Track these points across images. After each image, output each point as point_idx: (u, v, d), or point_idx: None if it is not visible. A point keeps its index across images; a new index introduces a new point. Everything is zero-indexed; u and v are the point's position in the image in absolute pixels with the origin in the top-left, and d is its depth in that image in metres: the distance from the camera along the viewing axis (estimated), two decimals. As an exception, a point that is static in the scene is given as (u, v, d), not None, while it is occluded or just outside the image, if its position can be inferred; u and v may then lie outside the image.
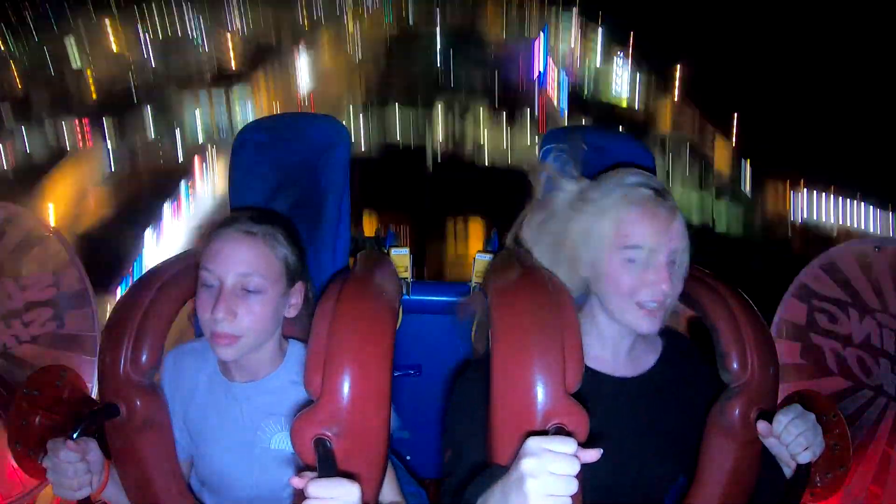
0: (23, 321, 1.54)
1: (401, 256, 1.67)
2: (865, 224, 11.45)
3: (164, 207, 11.50)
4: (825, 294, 1.57)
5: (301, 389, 1.07)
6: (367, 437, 1.04)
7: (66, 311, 1.64)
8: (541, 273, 1.20)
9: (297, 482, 0.89)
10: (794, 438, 1.11)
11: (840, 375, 1.54)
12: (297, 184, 1.53)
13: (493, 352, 1.07)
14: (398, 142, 16.24)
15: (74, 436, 1.13)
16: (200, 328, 1.49)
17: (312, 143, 1.55)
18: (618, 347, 1.26)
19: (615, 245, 1.17)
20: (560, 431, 0.97)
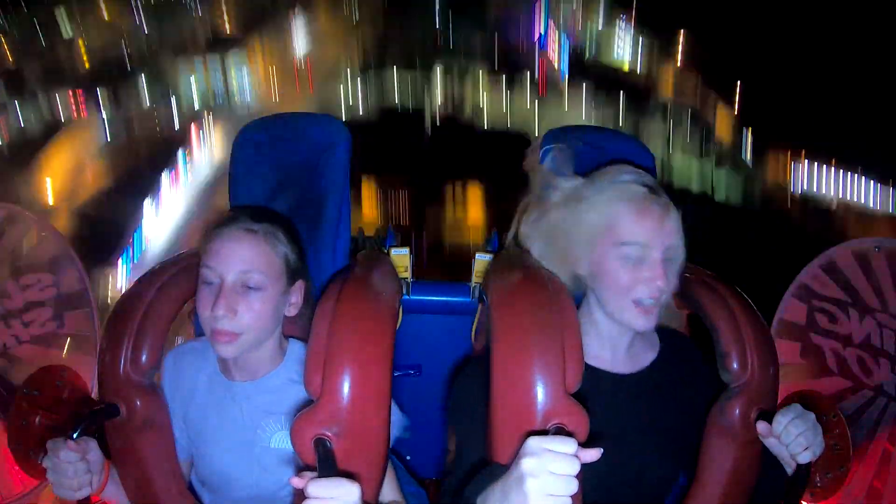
0: (23, 321, 1.55)
1: (401, 256, 1.67)
2: (865, 199, 11.20)
3: (162, 177, 11.18)
4: (825, 294, 1.57)
5: (301, 388, 1.07)
6: (367, 437, 1.04)
7: (66, 311, 1.64)
8: (541, 273, 1.20)
9: (297, 482, 0.89)
10: (794, 438, 1.11)
11: (840, 375, 1.54)
12: (297, 184, 1.53)
13: (493, 352, 1.07)
14: (396, 105, 15.64)
15: (74, 436, 1.13)
16: (200, 327, 1.49)
17: (312, 143, 1.55)
18: (616, 345, 1.26)
19: (610, 242, 1.18)
20: (560, 431, 0.97)
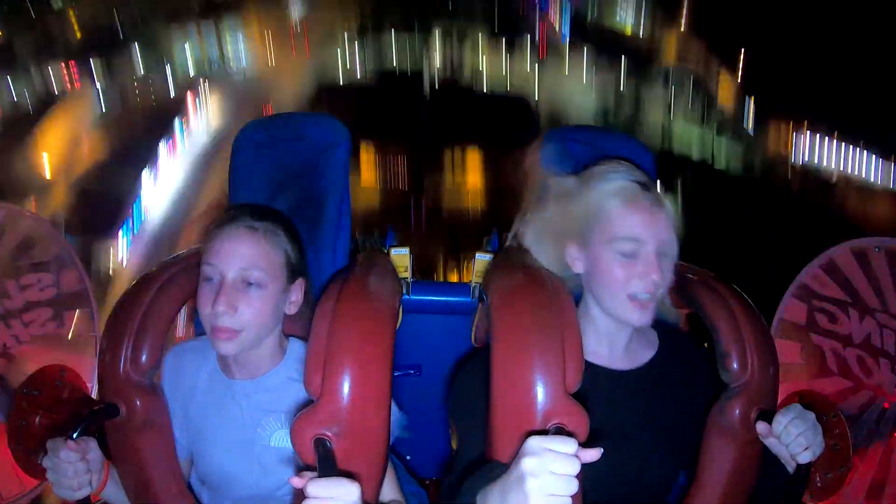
0: (23, 321, 1.54)
1: (401, 256, 1.67)
2: (866, 172, 11.09)
3: (160, 146, 10.99)
4: (825, 294, 1.57)
5: (301, 386, 1.07)
6: (367, 437, 1.04)
7: (66, 311, 1.64)
8: (541, 273, 1.21)
9: (297, 482, 0.89)
10: (794, 439, 1.11)
11: (840, 375, 1.54)
12: (297, 184, 1.53)
13: (494, 352, 1.07)
14: (395, 69, 15.36)
15: (74, 435, 1.13)
16: (200, 327, 1.49)
17: (312, 143, 1.55)
18: (614, 343, 1.26)
19: (603, 239, 1.18)
20: (560, 431, 0.97)
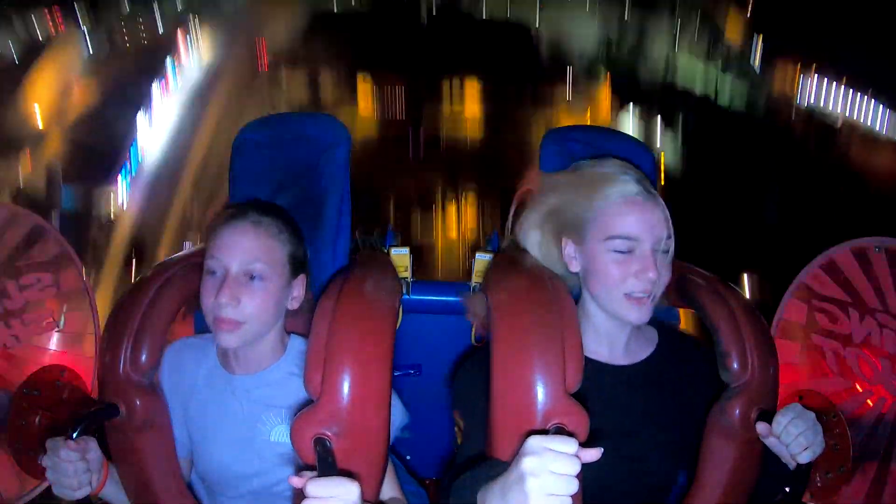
0: (23, 321, 1.54)
1: (401, 256, 1.67)
2: (872, 121, 10.85)
3: (153, 87, 10.65)
4: (825, 294, 1.57)
5: (301, 381, 1.07)
6: (367, 437, 1.04)
7: (66, 312, 1.64)
8: (541, 273, 1.21)
9: (297, 481, 0.89)
10: (794, 439, 1.11)
11: (840, 375, 1.54)
12: (298, 184, 1.53)
13: (494, 351, 1.07)
14: None
15: (74, 435, 1.13)
16: (200, 325, 1.49)
17: (312, 143, 1.55)
18: (614, 341, 1.26)
19: (599, 237, 1.18)
20: (560, 431, 0.97)
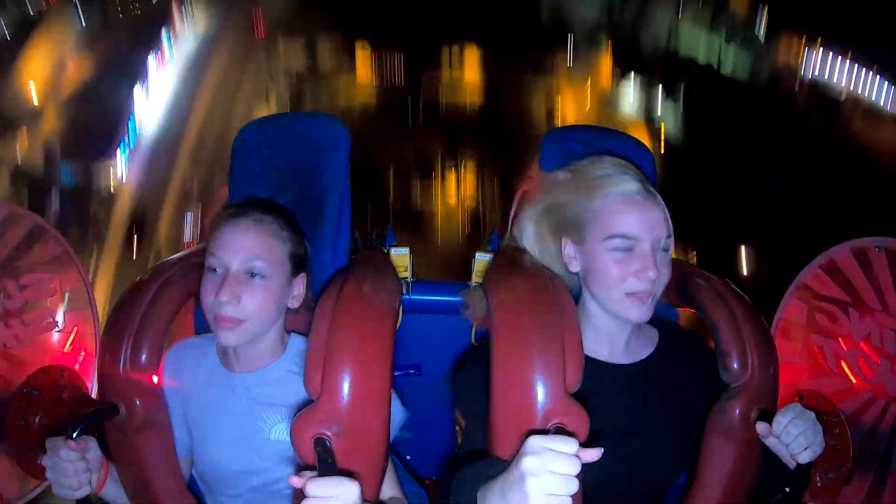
0: (23, 321, 1.54)
1: (401, 256, 1.67)
2: (877, 96, 10.60)
3: (149, 59, 10.68)
4: (825, 294, 1.57)
5: (301, 379, 1.07)
6: (367, 437, 1.04)
7: (66, 311, 1.64)
8: (541, 273, 1.21)
9: (297, 481, 0.89)
10: (794, 439, 1.11)
11: (840, 375, 1.54)
12: (298, 184, 1.53)
13: (494, 351, 1.07)
14: None
15: (74, 435, 1.13)
16: (200, 326, 1.49)
17: (312, 143, 1.55)
18: (614, 341, 1.26)
19: (598, 237, 1.18)
20: (561, 431, 0.97)
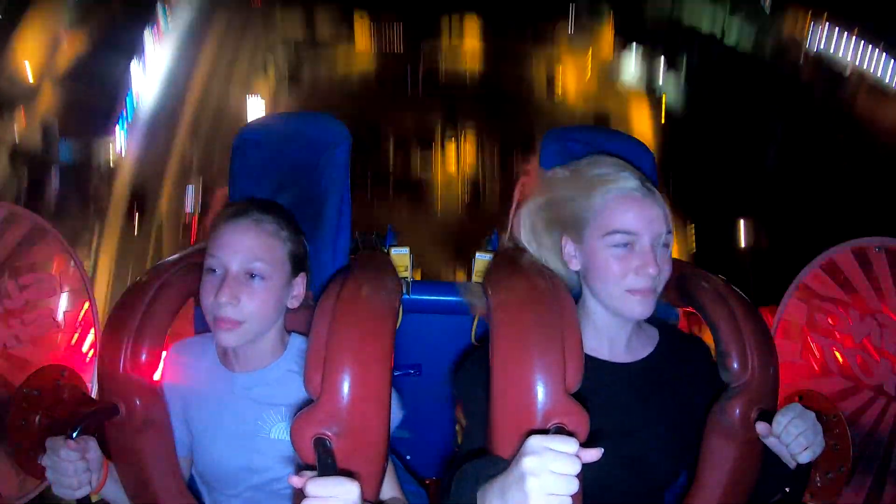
0: (23, 321, 1.54)
1: (401, 256, 1.67)
2: (882, 73, 10.43)
3: (145, 34, 10.52)
4: (825, 294, 1.57)
5: (301, 379, 1.07)
6: (367, 437, 1.04)
7: (67, 311, 1.64)
8: (540, 272, 1.21)
9: (297, 481, 0.89)
10: (794, 439, 1.11)
11: (840, 375, 1.54)
12: (298, 184, 1.53)
13: (494, 351, 1.07)
14: None
15: (74, 435, 1.13)
16: (200, 325, 1.49)
17: (312, 143, 1.55)
18: (614, 340, 1.26)
19: (598, 234, 1.18)
20: (561, 431, 0.97)
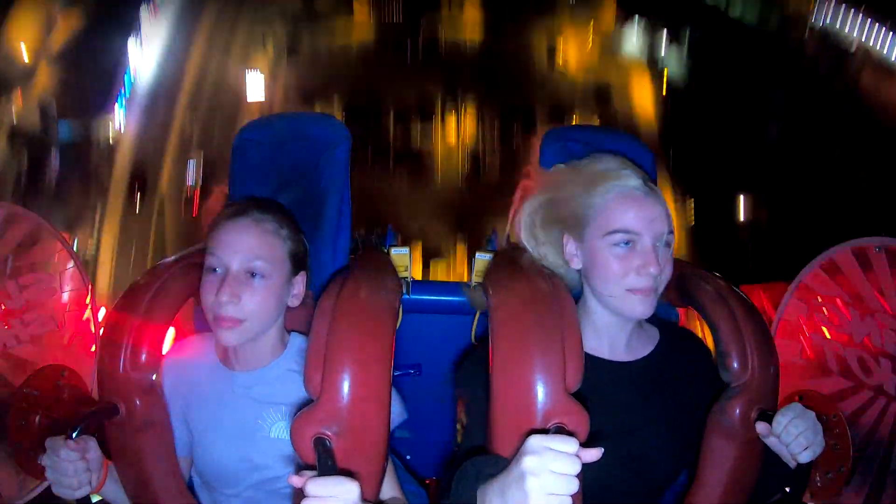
0: (23, 321, 1.54)
1: (401, 256, 1.67)
2: (889, 51, 10.39)
3: (141, 10, 10.44)
4: (825, 294, 1.57)
5: (301, 378, 1.07)
6: (367, 436, 1.04)
7: (66, 311, 1.64)
8: (541, 272, 1.21)
9: (297, 481, 0.89)
10: (794, 438, 1.11)
11: (840, 375, 1.54)
12: (298, 184, 1.53)
13: (494, 351, 1.07)
14: None
15: (74, 435, 1.13)
16: (200, 325, 1.49)
17: (312, 143, 1.55)
18: (615, 339, 1.26)
19: (599, 233, 1.18)
20: (561, 431, 0.97)
